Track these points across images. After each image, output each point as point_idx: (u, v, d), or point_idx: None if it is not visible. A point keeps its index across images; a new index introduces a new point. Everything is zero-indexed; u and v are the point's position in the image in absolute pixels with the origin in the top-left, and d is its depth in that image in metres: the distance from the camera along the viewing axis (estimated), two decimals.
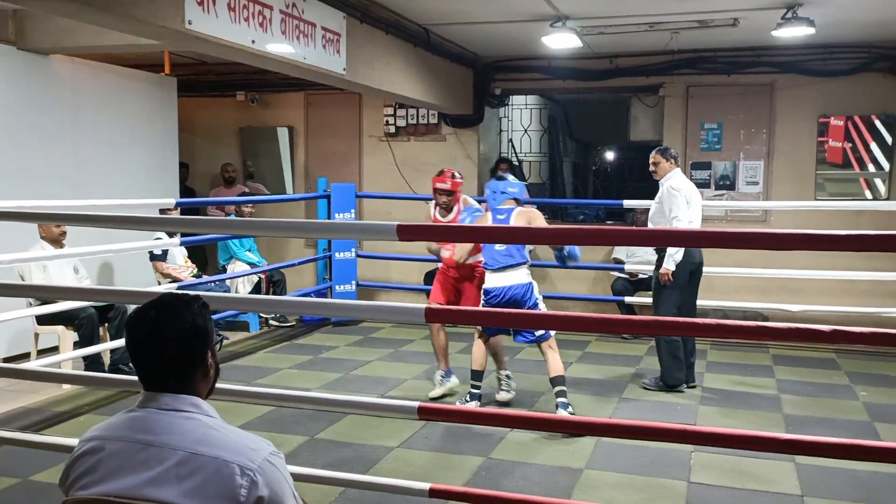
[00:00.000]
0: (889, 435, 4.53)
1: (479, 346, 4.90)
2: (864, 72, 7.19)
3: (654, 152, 5.45)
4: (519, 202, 4.85)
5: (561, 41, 6.57)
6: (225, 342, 6.88)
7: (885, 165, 7.27)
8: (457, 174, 5.32)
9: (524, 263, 4.70)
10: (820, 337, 2.27)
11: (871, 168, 7.32)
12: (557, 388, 4.67)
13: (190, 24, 3.93)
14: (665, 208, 5.28)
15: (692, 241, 4.09)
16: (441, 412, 3.00)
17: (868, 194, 7.33)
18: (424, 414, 2.74)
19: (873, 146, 7.29)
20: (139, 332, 1.66)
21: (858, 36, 6.89)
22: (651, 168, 5.41)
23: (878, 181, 7.32)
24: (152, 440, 1.58)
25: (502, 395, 5.08)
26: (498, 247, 4.69)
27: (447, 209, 5.25)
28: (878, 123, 7.25)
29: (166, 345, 1.64)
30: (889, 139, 7.24)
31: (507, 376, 5.14)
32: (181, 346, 1.65)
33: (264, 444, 1.63)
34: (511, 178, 5.00)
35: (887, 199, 7.23)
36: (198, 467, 1.54)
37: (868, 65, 7.16)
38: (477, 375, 4.89)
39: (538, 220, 4.80)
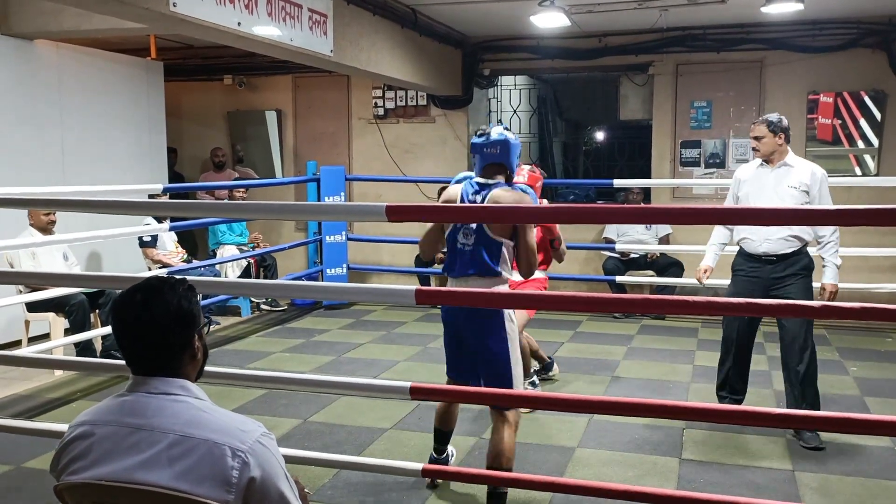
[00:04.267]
0: (879, 409, 4.58)
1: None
2: (853, 47, 7.18)
3: (758, 124, 4.09)
4: (508, 174, 3.27)
5: (549, 20, 6.53)
6: (216, 327, 6.88)
7: (875, 141, 7.29)
8: (535, 169, 4.25)
9: (495, 275, 3.15)
10: (811, 313, 2.28)
11: (861, 144, 7.33)
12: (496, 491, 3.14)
13: (175, 6, 3.88)
14: (820, 203, 4.04)
15: (683, 218, 4.09)
16: (433, 392, 3.00)
17: (858, 171, 7.35)
18: (417, 394, 2.75)
19: (862, 122, 7.30)
20: (124, 316, 1.65)
21: (847, 11, 6.88)
22: (753, 145, 4.13)
23: (867, 157, 7.34)
24: (142, 424, 1.58)
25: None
26: (461, 241, 3.20)
27: None
28: (867, 99, 7.26)
29: (151, 328, 1.63)
30: (878, 115, 7.24)
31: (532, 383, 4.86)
32: (166, 329, 1.64)
33: (255, 426, 1.62)
34: (499, 129, 3.31)
35: (877, 175, 7.25)
36: (188, 450, 1.54)
37: (857, 40, 7.15)
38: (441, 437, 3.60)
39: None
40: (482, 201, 3.18)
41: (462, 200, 3.24)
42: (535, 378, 4.90)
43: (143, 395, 1.63)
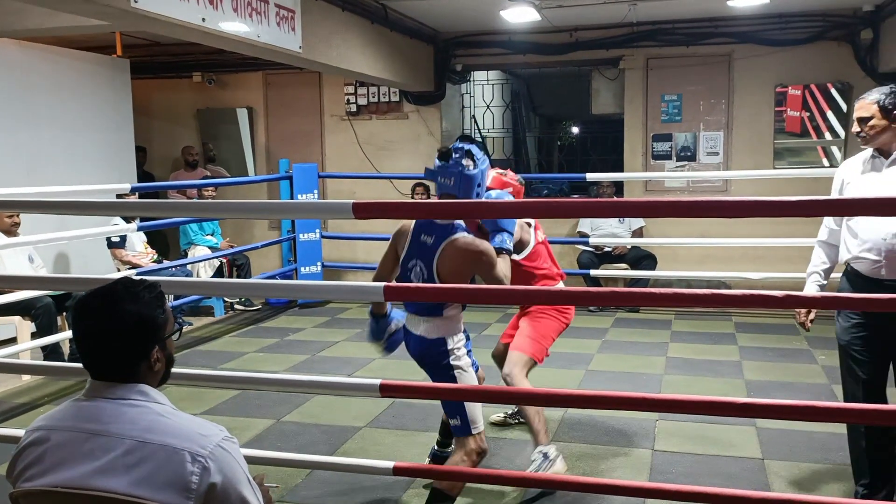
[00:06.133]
0: None
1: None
2: (819, 40, 7.27)
3: (864, 101, 3.01)
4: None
5: (519, 15, 6.53)
6: (189, 327, 6.81)
7: (841, 133, 7.38)
8: (505, 172, 3.77)
9: (435, 315, 2.93)
10: (774, 303, 2.29)
11: (828, 136, 7.43)
12: None
13: (136, 2, 3.82)
14: None
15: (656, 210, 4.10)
16: (403, 389, 2.99)
17: (825, 162, 7.44)
18: (387, 391, 2.73)
19: (829, 114, 7.39)
20: (82, 321, 1.62)
21: (812, 4, 6.96)
22: (856, 129, 3.03)
23: (834, 149, 7.44)
24: (99, 429, 1.55)
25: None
26: (413, 280, 2.96)
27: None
28: (833, 91, 7.35)
29: (108, 335, 1.60)
30: (844, 107, 7.34)
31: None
32: (121, 338, 1.60)
33: (216, 430, 1.60)
34: (462, 151, 2.86)
35: None
36: (146, 455, 1.51)
37: (822, 33, 7.24)
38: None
39: (485, 260, 2.83)
40: (435, 247, 2.85)
41: (413, 236, 2.95)
42: (548, 449, 3.57)
43: (100, 401, 1.60)
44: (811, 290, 3.17)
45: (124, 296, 1.63)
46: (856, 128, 3.02)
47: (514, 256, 3.55)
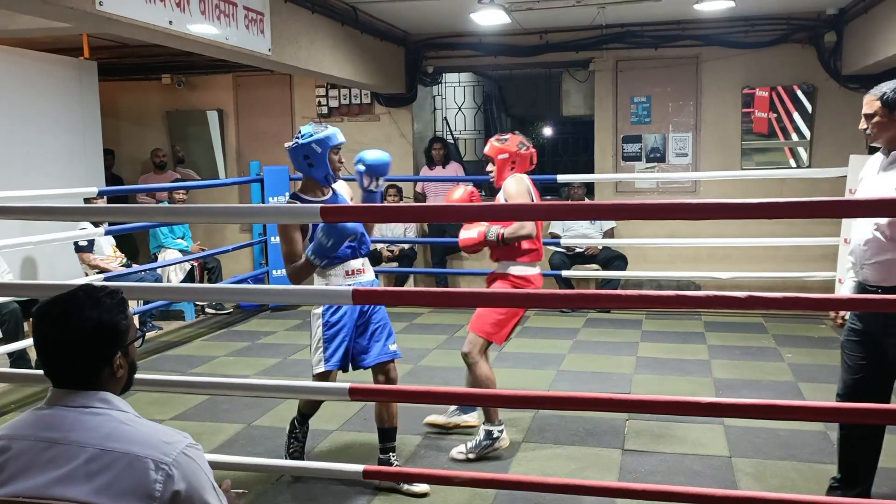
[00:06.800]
0: (811, 394, 4.72)
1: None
2: (784, 43, 7.40)
3: (869, 97, 2.88)
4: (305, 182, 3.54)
5: (489, 18, 6.56)
6: (159, 332, 6.74)
7: (807, 134, 7.52)
8: (506, 137, 3.88)
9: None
10: (737, 303, 2.33)
11: (795, 137, 7.56)
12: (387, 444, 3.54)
13: (101, 5, 3.78)
14: None
15: (620, 213, 4.15)
16: (372, 392, 3.00)
17: (792, 163, 7.57)
18: (356, 395, 2.74)
19: (796, 115, 7.52)
20: (41, 329, 1.60)
21: (777, 7, 7.08)
22: (863, 125, 2.91)
23: (800, 150, 7.57)
24: (59, 438, 1.53)
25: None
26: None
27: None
28: (799, 93, 7.48)
29: (67, 343, 1.58)
30: (809, 108, 7.47)
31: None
32: (83, 344, 1.59)
33: (180, 437, 1.59)
34: (299, 130, 3.48)
35: (809, 166, 7.48)
36: (109, 463, 1.50)
37: (787, 36, 7.37)
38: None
39: None
40: None
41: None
42: (494, 428, 3.79)
43: (61, 409, 1.59)
44: (847, 286, 3.09)
45: (85, 302, 1.62)
46: (862, 124, 2.91)
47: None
